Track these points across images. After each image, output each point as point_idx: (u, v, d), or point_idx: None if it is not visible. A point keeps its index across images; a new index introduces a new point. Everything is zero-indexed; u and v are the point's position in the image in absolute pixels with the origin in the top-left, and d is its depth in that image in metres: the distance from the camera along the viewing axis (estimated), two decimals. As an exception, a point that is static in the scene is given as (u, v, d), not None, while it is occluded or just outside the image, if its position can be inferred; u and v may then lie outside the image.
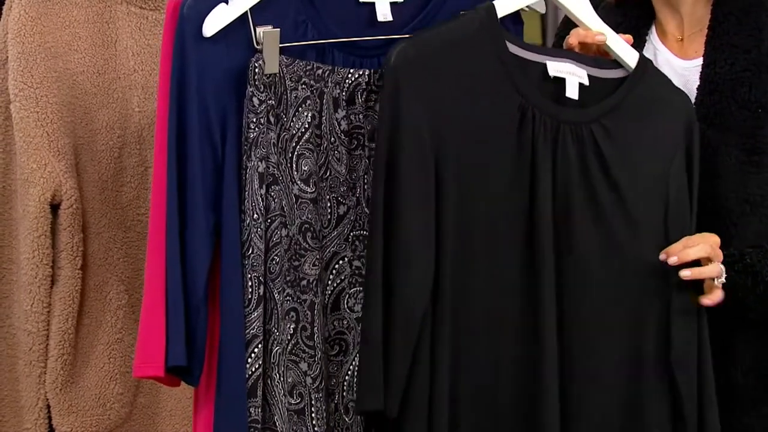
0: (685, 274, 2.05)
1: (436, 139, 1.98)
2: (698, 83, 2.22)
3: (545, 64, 2.08)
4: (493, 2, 2.07)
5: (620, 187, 2.07)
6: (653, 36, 2.31)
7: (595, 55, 2.14)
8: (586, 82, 2.08)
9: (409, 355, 1.96)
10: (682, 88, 2.17)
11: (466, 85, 2.02)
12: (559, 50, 2.17)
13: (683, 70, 2.25)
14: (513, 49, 2.06)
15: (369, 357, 1.97)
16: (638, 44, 2.29)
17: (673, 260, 2.05)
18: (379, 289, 1.97)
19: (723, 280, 2.07)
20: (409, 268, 1.97)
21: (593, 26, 2.12)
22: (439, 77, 2.00)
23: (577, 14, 2.13)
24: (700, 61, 2.24)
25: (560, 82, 2.08)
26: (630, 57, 2.13)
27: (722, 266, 2.07)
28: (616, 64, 2.14)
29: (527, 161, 2.03)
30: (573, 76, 2.08)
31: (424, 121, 1.98)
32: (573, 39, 2.14)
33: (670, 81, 2.16)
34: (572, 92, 2.08)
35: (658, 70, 2.17)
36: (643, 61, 2.13)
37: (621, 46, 2.13)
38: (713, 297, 2.08)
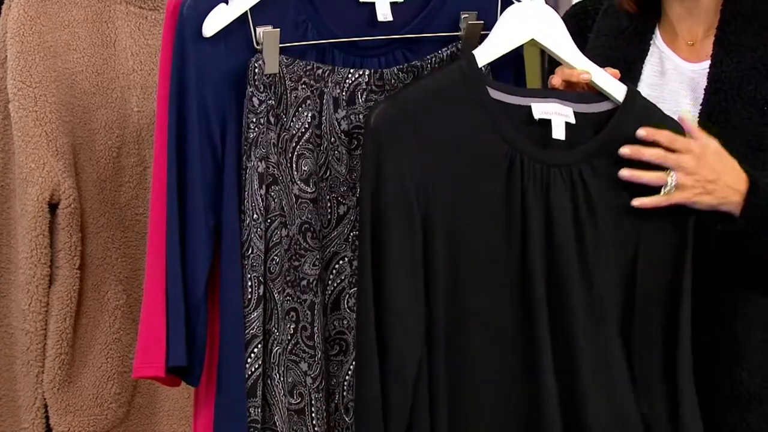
0: (624, 174, 2.03)
1: (423, 197, 1.95)
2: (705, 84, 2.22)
3: (530, 107, 2.04)
4: (473, 52, 2.04)
5: (604, 229, 2.04)
6: (658, 40, 2.30)
7: (580, 91, 2.11)
8: (573, 121, 2.04)
9: (407, 414, 1.94)
10: (691, 92, 2.17)
11: (451, 138, 1.98)
12: (543, 90, 2.14)
13: (692, 73, 2.24)
14: (495, 94, 2.02)
15: (368, 420, 1.94)
16: (643, 49, 2.28)
17: (624, 151, 2.03)
18: (373, 353, 1.94)
19: (670, 188, 2.04)
20: (400, 332, 1.94)
21: (578, 65, 2.10)
22: (421, 133, 1.96)
23: (560, 54, 2.09)
24: (708, 63, 2.24)
25: (546, 123, 2.04)
26: (617, 91, 2.08)
27: (674, 177, 2.03)
28: (602, 96, 2.09)
29: (518, 210, 2.00)
30: (559, 116, 2.04)
31: (409, 179, 1.94)
32: (557, 79, 2.10)
33: (659, 110, 2.12)
34: (559, 133, 2.03)
35: (647, 101, 2.12)
36: (631, 94, 2.09)
37: (607, 82, 2.09)
38: (645, 201, 2.04)
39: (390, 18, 2.10)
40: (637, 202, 2.04)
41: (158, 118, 2.07)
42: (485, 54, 2.06)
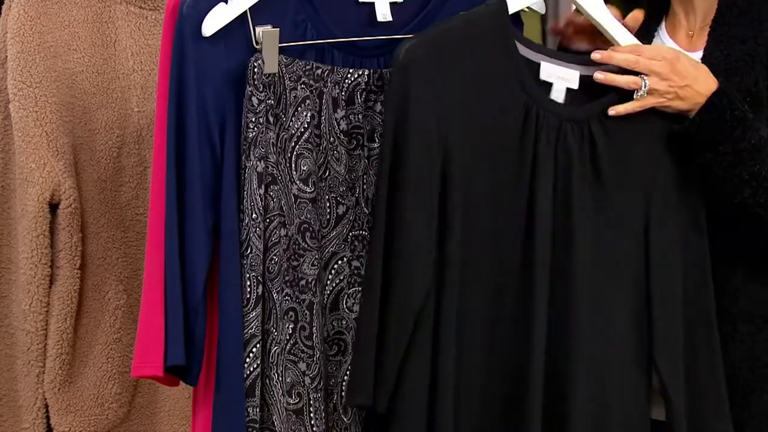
0: (598, 77, 2.08)
1: (443, 137, 1.99)
2: None
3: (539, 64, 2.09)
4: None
5: (607, 185, 2.08)
6: (662, 31, 2.33)
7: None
8: (576, 87, 2.09)
9: (401, 350, 1.97)
10: None
11: (474, 84, 2.02)
12: (560, 53, 2.17)
13: None
14: (523, 51, 2.07)
15: (362, 352, 1.99)
16: (647, 39, 2.30)
17: (595, 56, 2.08)
18: (377, 284, 1.98)
19: (643, 92, 2.07)
20: (410, 265, 1.98)
21: (599, 17, 2.12)
22: (447, 75, 2.00)
23: (584, 6, 2.13)
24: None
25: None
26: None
27: (646, 80, 2.07)
28: None
29: (529, 159, 2.04)
30: (561, 81, 2.09)
31: (432, 119, 1.98)
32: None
33: None
34: (557, 96, 2.08)
35: None
36: None
37: (622, 36, 2.14)
38: (619, 107, 2.08)
39: (389, 18, 2.10)
40: (612, 110, 2.09)
41: (158, 118, 2.07)
42: (515, 2, 2.09)
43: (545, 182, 2.04)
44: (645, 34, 2.31)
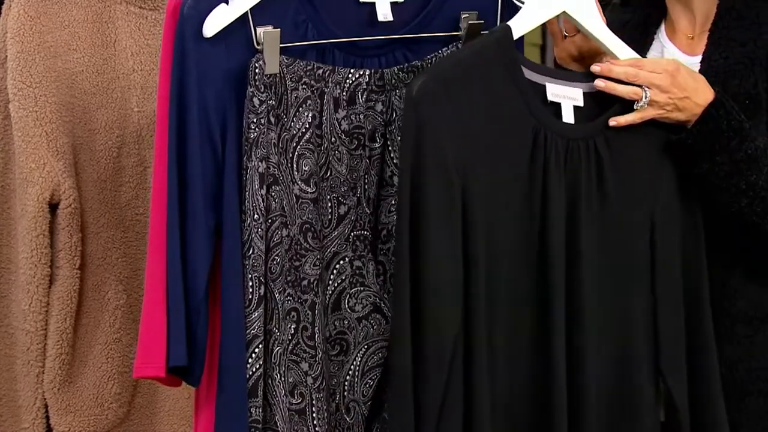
0: (599, 84, 2.09)
1: (460, 169, 1.98)
2: None
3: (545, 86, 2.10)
4: (509, 23, 2.07)
5: (614, 199, 2.09)
6: (662, 34, 2.34)
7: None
8: (581, 104, 2.10)
9: (443, 384, 1.96)
10: None
11: (485, 113, 2.02)
12: (563, 72, 2.18)
13: (690, 66, 2.26)
14: (527, 74, 2.08)
15: (400, 394, 1.96)
16: (646, 42, 2.30)
17: (595, 68, 2.10)
18: (407, 321, 1.96)
19: (643, 104, 2.09)
20: (440, 298, 1.97)
21: (605, 40, 2.13)
22: (459, 107, 2.00)
23: (589, 28, 2.13)
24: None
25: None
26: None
27: (647, 91, 2.08)
28: None
29: (540, 183, 2.04)
30: (567, 100, 2.10)
31: (449, 152, 1.98)
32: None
33: None
34: (568, 117, 2.09)
35: None
36: None
37: (620, 49, 2.15)
38: (620, 118, 2.10)
39: (390, 18, 2.10)
40: (613, 121, 2.10)
41: (158, 119, 2.07)
42: (521, 25, 2.09)
43: (556, 205, 2.04)
44: (642, 33, 2.32)
